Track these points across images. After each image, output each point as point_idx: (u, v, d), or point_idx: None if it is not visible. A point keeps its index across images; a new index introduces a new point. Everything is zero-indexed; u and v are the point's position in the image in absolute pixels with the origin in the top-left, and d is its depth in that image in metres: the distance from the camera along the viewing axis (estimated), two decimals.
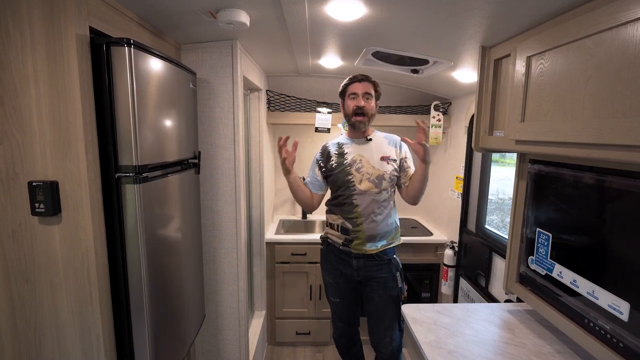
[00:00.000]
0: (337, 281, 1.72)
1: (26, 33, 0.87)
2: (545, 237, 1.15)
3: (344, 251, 1.66)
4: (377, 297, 1.64)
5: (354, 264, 1.65)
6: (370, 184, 1.59)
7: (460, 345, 1.15)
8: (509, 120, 1.16)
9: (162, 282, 1.19)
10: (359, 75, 1.62)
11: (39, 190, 0.91)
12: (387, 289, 1.63)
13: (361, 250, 1.62)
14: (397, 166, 1.64)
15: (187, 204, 1.42)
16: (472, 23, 1.15)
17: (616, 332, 0.88)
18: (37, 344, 1.00)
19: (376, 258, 1.63)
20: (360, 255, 1.63)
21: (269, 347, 2.52)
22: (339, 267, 1.69)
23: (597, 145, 0.81)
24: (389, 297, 1.63)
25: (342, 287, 1.72)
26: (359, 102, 1.58)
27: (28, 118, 0.91)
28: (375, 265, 1.63)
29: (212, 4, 1.15)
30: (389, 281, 1.63)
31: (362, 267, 1.64)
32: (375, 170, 1.60)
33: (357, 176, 1.60)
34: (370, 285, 1.66)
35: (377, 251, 1.62)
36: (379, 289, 1.64)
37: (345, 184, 1.61)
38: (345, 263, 1.67)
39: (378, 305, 1.64)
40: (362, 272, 1.65)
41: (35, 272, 0.97)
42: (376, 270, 1.64)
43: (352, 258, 1.65)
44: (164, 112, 1.19)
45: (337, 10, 1.16)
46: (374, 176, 1.59)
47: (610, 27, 0.77)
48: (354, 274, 1.66)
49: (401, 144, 1.67)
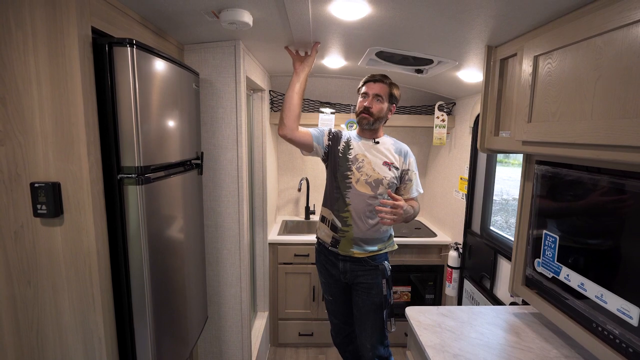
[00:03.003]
0: (327, 281, 1.73)
1: (28, 33, 0.87)
2: (552, 239, 1.13)
3: (332, 252, 1.65)
4: (361, 303, 1.63)
5: (341, 267, 1.64)
6: (366, 186, 1.57)
7: (465, 348, 1.14)
8: (515, 121, 1.14)
9: (164, 283, 1.18)
10: (377, 75, 1.60)
11: (41, 192, 0.91)
12: (371, 295, 1.61)
13: (347, 252, 1.60)
14: (398, 175, 1.61)
15: (190, 204, 1.41)
16: (477, 22, 1.13)
17: (625, 337, 0.87)
18: (39, 345, 1.00)
19: (363, 262, 1.61)
20: (347, 257, 1.61)
21: (272, 349, 2.52)
22: (328, 267, 1.69)
23: (607, 147, 0.79)
24: (372, 303, 1.61)
25: (332, 287, 1.72)
26: (367, 102, 1.58)
27: (30, 119, 0.90)
28: (362, 270, 1.61)
29: (215, 4, 1.14)
30: (373, 287, 1.61)
31: (348, 270, 1.63)
32: (375, 174, 1.57)
33: (355, 174, 1.58)
34: (356, 289, 1.65)
35: (364, 256, 1.60)
36: (362, 294, 1.63)
37: (343, 178, 1.59)
38: (332, 264, 1.67)
39: (362, 311, 1.64)
40: (349, 275, 1.64)
41: (38, 273, 0.97)
42: (362, 275, 1.61)
43: (339, 260, 1.63)
44: (166, 113, 1.18)
45: (340, 10, 1.15)
46: (371, 179, 1.57)
47: (621, 26, 0.75)
48: (341, 276, 1.66)
49: (409, 155, 1.64)
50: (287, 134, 1.55)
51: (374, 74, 1.61)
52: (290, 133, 1.54)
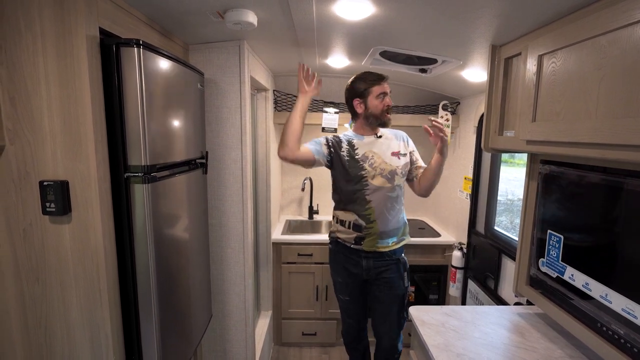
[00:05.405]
0: (345, 281, 1.72)
1: (37, 34, 0.88)
2: (556, 239, 1.13)
3: (355, 250, 1.65)
4: (384, 297, 1.67)
5: (364, 264, 1.65)
6: (383, 180, 1.59)
7: (469, 348, 1.14)
8: (519, 120, 1.14)
9: (170, 281, 1.20)
10: (384, 74, 1.62)
11: (49, 190, 0.92)
12: (393, 288, 1.65)
13: (373, 247, 1.61)
14: (407, 160, 1.67)
15: (195, 203, 1.43)
16: (482, 22, 1.13)
17: (630, 336, 0.86)
18: (47, 342, 1.01)
19: (386, 257, 1.64)
20: (370, 254, 1.63)
21: (275, 348, 2.52)
22: (348, 266, 1.69)
23: (612, 146, 0.79)
24: (395, 296, 1.66)
25: (350, 286, 1.72)
26: (390, 102, 1.61)
27: (39, 118, 0.92)
28: (385, 265, 1.64)
29: (220, 4, 1.15)
30: (395, 281, 1.65)
31: (371, 267, 1.64)
32: (388, 166, 1.61)
33: (370, 171, 1.59)
34: (378, 285, 1.67)
35: (388, 249, 1.63)
36: (385, 288, 1.66)
37: (358, 179, 1.60)
38: (354, 263, 1.67)
39: (384, 304, 1.68)
40: (372, 272, 1.65)
41: (46, 270, 0.98)
42: (385, 270, 1.64)
43: (362, 258, 1.64)
44: (172, 113, 1.20)
45: (345, 10, 1.15)
46: (386, 171, 1.60)
47: (626, 25, 0.75)
48: (363, 273, 1.66)
49: (408, 138, 1.73)
50: (289, 155, 1.51)
51: (380, 74, 1.62)
52: (292, 154, 1.52)
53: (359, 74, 1.65)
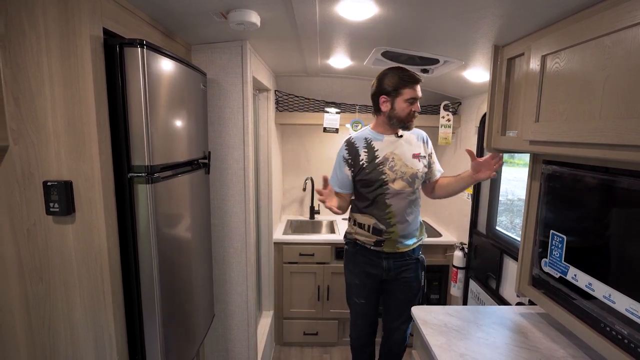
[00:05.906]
0: (363, 282, 1.68)
1: (41, 34, 0.88)
2: (559, 239, 1.13)
3: (375, 251, 1.62)
4: (401, 295, 1.68)
5: (384, 265, 1.63)
6: (404, 184, 1.55)
7: (471, 348, 1.14)
8: (522, 120, 1.14)
9: (173, 281, 1.20)
10: (416, 74, 1.49)
11: (53, 190, 0.92)
12: (412, 287, 1.67)
13: (393, 248, 1.60)
14: (426, 163, 1.63)
15: (197, 203, 1.43)
16: (484, 22, 1.13)
17: (634, 337, 0.86)
18: (50, 342, 1.02)
19: (406, 257, 1.63)
20: (391, 255, 1.61)
21: (277, 347, 2.53)
22: (367, 268, 1.65)
23: (616, 146, 0.79)
24: (413, 295, 1.68)
25: (368, 288, 1.69)
26: (419, 109, 1.53)
27: (43, 119, 0.92)
28: (405, 265, 1.64)
29: (223, 4, 1.15)
30: (413, 281, 1.66)
31: (392, 267, 1.63)
32: (409, 169, 1.55)
33: (390, 175, 1.54)
34: (397, 284, 1.67)
35: (408, 249, 1.62)
36: (404, 287, 1.66)
37: (378, 183, 1.54)
38: (374, 264, 1.64)
39: (401, 301, 1.69)
40: (392, 273, 1.64)
41: (50, 270, 0.98)
42: (405, 269, 1.64)
43: (383, 259, 1.62)
44: (175, 113, 1.20)
45: (348, 10, 1.15)
46: (407, 175, 1.55)
47: (630, 25, 0.75)
48: (383, 274, 1.64)
49: (428, 139, 1.67)
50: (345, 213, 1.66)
51: (412, 75, 1.49)
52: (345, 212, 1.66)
53: (393, 68, 1.53)
